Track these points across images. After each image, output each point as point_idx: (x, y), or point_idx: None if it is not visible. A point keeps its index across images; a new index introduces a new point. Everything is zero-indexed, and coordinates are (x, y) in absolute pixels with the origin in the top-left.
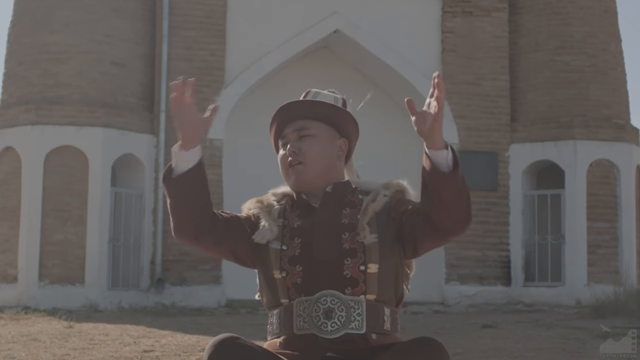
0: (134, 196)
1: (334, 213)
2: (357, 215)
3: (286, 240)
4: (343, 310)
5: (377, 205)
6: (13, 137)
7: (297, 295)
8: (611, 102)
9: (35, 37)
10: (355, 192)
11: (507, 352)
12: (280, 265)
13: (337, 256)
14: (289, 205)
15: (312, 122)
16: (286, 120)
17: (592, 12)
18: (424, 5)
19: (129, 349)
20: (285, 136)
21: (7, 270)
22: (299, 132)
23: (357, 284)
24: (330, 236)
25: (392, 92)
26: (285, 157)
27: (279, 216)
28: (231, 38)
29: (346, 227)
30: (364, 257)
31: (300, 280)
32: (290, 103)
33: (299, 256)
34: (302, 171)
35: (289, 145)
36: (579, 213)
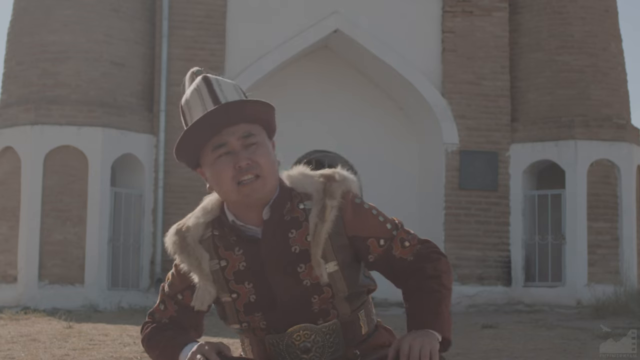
0: (133, 196)
1: (280, 242)
2: (306, 236)
3: (232, 285)
4: (318, 341)
5: (328, 225)
6: (12, 137)
7: (264, 334)
8: (612, 102)
9: (34, 37)
10: (294, 200)
11: (507, 353)
12: (237, 318)
13: (301, 295)
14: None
15: (252, 125)
16: (223, 124)
17: (593, 12)
18: (424, 4)
19: (128, 349)
20: (226, 144)
21: (7, 270)
22: (245, 139)
23: (329, 313)
24: (285, 273)
25: (392, 92)
26: (234, 171)
27: (212, 257)
28: (231, 38)
29: (299, 257)
30: (331, 290)
31: (265, 325)
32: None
33: (255, 303)
34: (261, 187)
35: (238, 156)
36: (579, 213)
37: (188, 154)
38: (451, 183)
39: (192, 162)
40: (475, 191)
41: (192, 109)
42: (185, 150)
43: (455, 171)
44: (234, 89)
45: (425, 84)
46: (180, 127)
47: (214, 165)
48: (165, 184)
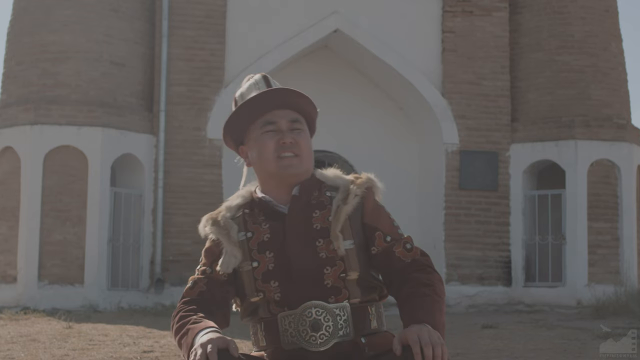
0: (133, 196)
1: (304, 218)
2: (328, 217)
3: (255, 255)
4: (329, 320)
5: (349, 208)
6: (12, 137)
7: (279, 310)
8: (612, 102)
9: (34, 37)
10: (322, 189)
11: (507, 353)
12: (255, 286)
13: (316, 266)
14: (248, 214)
15: (299, 115)
16: (275, 106)
17: (593, 12)
18: (424, 4)
19: (128, 349)
20: (276, 123)
21: (7, 270)
22: (292, 123)
23: (340, 292)
24: (305, 245)
25: (392, 92)
26: (277, 145)
27: (240, 229)
28: (231, 38)
29: (319, 233)
30: (344, 264)
31: (279, 296)
32: (283, 90)
33: (273, 271)
34: (296, 165)
35: (284, 134)
36: (579, 213)
37: (237, 129)
38: (451, 183)
39: (237, 138)
40: (476, 191)
41: (246, 96)
42: (236, 125)
43: (455, 171)
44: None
45: (425, 84)
46: (179, 127)
47: (260, 139)
48: (165, 184)
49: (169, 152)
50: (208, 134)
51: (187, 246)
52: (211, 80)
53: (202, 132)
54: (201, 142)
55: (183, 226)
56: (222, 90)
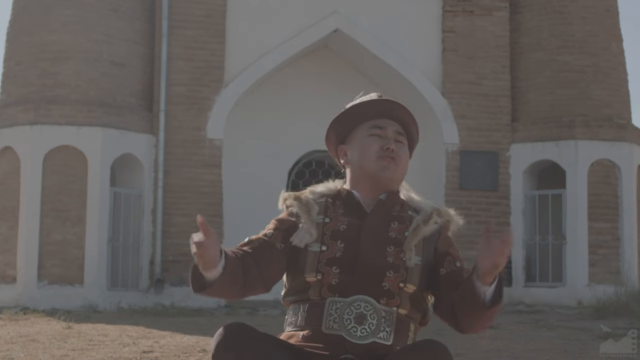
0: (133, 196)
1: (383, 223)
2: (404, 231)
3: (327, 240)
4: (375, 318)
5: (427, 230)
6: (12, 137)
7: (330, 295)
8: (612, 102)
9: (34, 37)
10: (404, 207)
11: (508, 353)
12: (316, 267)
13: (381, 267)
14: (330, 202)
15: (404, 131)
16: (386, 115)
17: (594, 12)
18: (424, 4)
19: (128, 349)
20: (385, 129)
21: (6, 270)
22: (397, 135)
23: (393, 297)
24: (376, 245)
25: (392, 92)
26: (380, 148)
27: (319, 213)
28: (231, 37)
29: (392, 241)
30: (406, 275)
31: (336, 282)
32: (399, 104)
33: (339, 258)
34: (394, 168)
35: (389, 141)
36: (580, 213)
37: (343, 126)
38: (451, 183)
39: (340, 135)
40: (476, 191)
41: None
42: (344, 122)
43: (455, 171)
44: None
45: (426, 83)
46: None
47: (366, 139)
48: (165, 184)
49: (168, 152)
50: (208, 134)
51: (187, 246)
52: (211, 80)
53: (202, 132)
54: (201, 142)
55: (183, 226)
56: (222, 90)
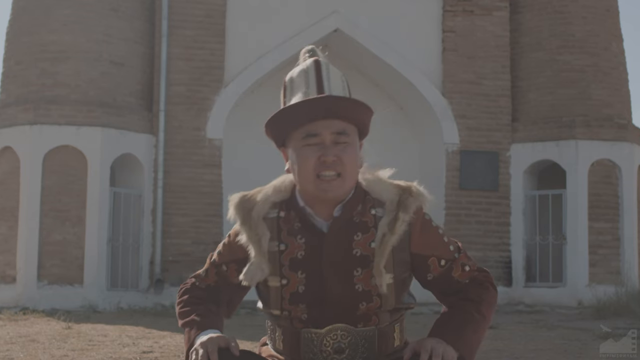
0: (133, 196)
1: (344, 241)
2: (370, 242)
3: (286, 271)
4: (353, 343)
5: (395, 239)
6: (11, 136)
7: (302, 326)
8: (613, 102)
9: (33, 36)
10: (366, 205)
11: (508, 353)
12: (280, 305)
13: (351, 299)
14: (282, 219)
15: (348, 125)
16: (320, 116)
17: (594, 12)
18: (424, 4)
19: (127, 349)
20: (319, 135)
21: (6, 270)
22: (338, 135)
23: (370, 319)
24: (341, 274)
25: (392, 92)
26: (317, 162)
27: (273, 238)
28: (231, 37)
29: (358, 261)
30: (380, 301)
31: (306, 317)
32: (333, 98)
33: (303, 294)
34: (339, 186)
35: (327, 150)
36: (580, 213)
37: (277, 131)
38: (451, 183)
39: (278, 139)
40: (476, 191)
41: (295, 89)
42: (276, 128)
43: (455, 171)
44: (341, 81)
45: (426, 83)
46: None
47: (300, 151)
48: (165, 184)
49: (168, 152)
50: (208, 134)
51: (186, 246)
52: (211, 80)
53: (201, 132)
54: (201, 142)
55: (183, 226)
56: (222, 90)
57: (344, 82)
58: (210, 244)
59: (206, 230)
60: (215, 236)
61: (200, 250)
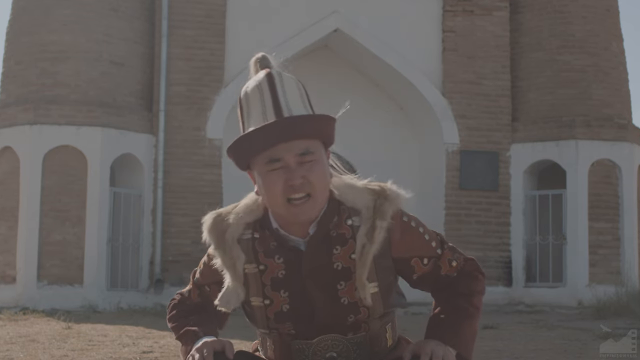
0: (132, 196)
1: (323, 256)
2: (351, 254)
3: (268, 291)
4: (345, 351)
5: (375, 248)
6: (11, 136)
7: (291, 339)
8: (613, 102)
9: (33, 36)
10: (341, 214)
11: (508, 353)
12: (267, 324)
13: (338, 314)
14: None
15: (311, 141)
16: (281, 139)
17: (594, 12)
18: (424, 4)
19: (127, 350)
20: (281, 160)
21: (6, 270)
22: (301, 157)
23: (360, 327)
24: (324, 288)
25: (392, 92)
26: (285, 187)
27: (250, 260)
28: (231, 37)
29: (340, 275)
30: (367, 312)
31: (294, 332)
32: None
33: (287, 312)
34: (310, 208)
35: (293, 173)
36: (580, 213)
37: (239, 158)
38: (452, 183)
39: (241, 165)
40: (476, 191)
41: (251, 108)
42: (237, 154)
43: (455, 171)
44: (297, 90)
45: (426, 83)
46: (179, 127)
47: (266, 177)
48: (165, 184)
49: (168, 152)
50: (208, 134)
51: (186, 246)
52: (211, 80)
53: (201, 132)
54: (201, 142)
55: (183, 226)
56: (222, 90)
57: (300, 90)
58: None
59: None
60: None
61: (200, 250)
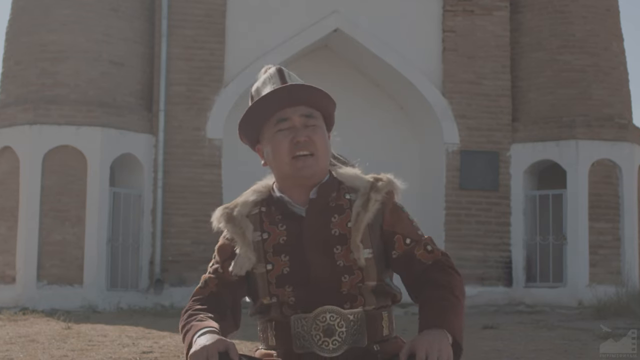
0: (132, 196)
1: (322, 223)
2: (347, 223)
3: (270, 257)
4: (343, 326)
5: (369, 215)
6: (11, 136)
7: (292, 312)
8: (613, 102)
9: (33, 36)
10: (340, 191)
11: (508, 353)
12: (268, 290)
13: (334, 274)
14: (265, 212)
15: (314, 110)
16: (287, 103)
17: (594, 11)
18: (424, 4)
19: (127, 350)
20: (289, 119)
21: (5, 270)
22: (306, 119)
23: (356, 299)
24: (322, 252)
25: (392, 91)
26: (291, 144)
27: (256, 229)
28: (231, 37)
29: (337, 240)
30: (362, 274)
31: (293, 300)
32: (295, 85)
33: (287, 275)
34: (313, 164)
35: (298, 132)
36: (580, 213)
37: (251, 128)
38: (452, 183)
39: (252, 137)
40: (476, 191)
41: (261, 92)
42: (249, 124)
43: (455, 171)
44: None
45: (426, 83)
46: (179, 127)
47: (274, 138)
48: (165, 184)
49: (168, 152)
50: (208, 134)
51: (186, 246)
52: (211, 79)
53: (201, 132)
54: (201, 142)
55: (182, 226)
56: (222, 89)
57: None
58: (210, 244)
59: (206, 230)
60: (215, 236)
61: (200, 250)
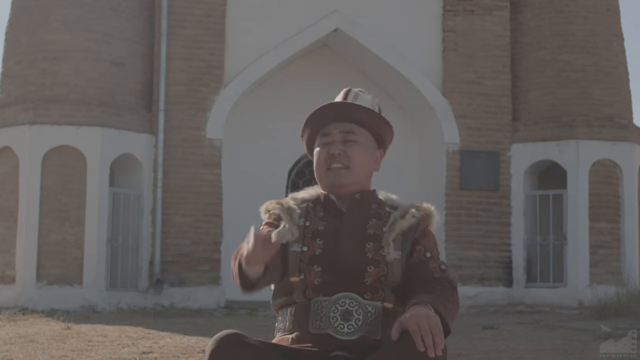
0: (132, 196)
1: (360, 221)
2: (383, 227)
3: (307, 241)
4: (361, 313)
5: (404, 224)
6: (11, 136)
7: (314, 295)
8: (614, 102)
9: (33, 36)
10: (382, 204)
11: (508, 354)
12: (298, 267)
13: (361, 263)
14: (311, 207)
15: (358, 127)
16: (332, 119)
17: (595, 11)
18: (424, 3)
19: (127, 350)
20: (330, 135)
21: (5, 271)
22: (345, 134)
23: (377, 291)
24: (355, 242)
25: (392, 91)
26: (327, 156)
27: (301, 217)
28: (230, 37)
29: (371, 237)
30: (387, 270)
31: (319, 281)
32: (340, 103)
33: (319, 256)
34: (344, 175)
35: (334, 146)
36: (581, 213)
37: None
38: (452, 183)
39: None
40: (476, 191)
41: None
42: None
43: (456, 171)
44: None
45: (426, 83)
46: (179, 127)
47: (316, 150)
48: (164, 184)
49: (168, 152)
50: (207, 134)
51: (186, 246)
52: (211, 79)
53: (201, 132)
54: (200, 142)
55: (182, 226)
56: (222, 89)
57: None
58: (210, 244)
59: (206, 231)
60: (215, 236)
61: (199, 251)
